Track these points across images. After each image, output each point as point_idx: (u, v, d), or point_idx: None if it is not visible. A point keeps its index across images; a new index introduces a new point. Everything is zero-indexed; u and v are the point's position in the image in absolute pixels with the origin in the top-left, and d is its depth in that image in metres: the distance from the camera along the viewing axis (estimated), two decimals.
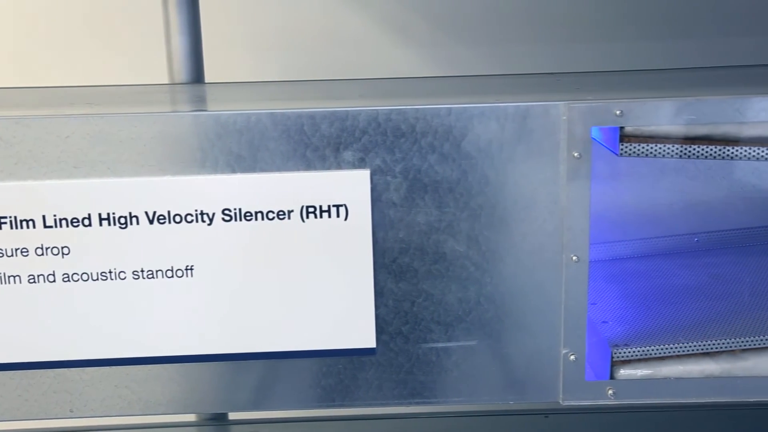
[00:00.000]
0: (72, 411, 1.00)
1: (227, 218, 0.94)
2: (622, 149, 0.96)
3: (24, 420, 0.99)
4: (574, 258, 0.96)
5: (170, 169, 0.93)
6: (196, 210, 0.93)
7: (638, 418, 1.48)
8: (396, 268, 0.97)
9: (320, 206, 0.94)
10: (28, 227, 0.92)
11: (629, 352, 1.03)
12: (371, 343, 0.99)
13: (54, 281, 0.94)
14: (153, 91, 1.24)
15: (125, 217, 0.93)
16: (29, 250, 0.93)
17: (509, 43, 1.38)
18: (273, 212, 0.94)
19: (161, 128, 0.92)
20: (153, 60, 1.41)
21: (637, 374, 1.02)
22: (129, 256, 0.94)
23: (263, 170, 0.93)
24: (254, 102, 1.10)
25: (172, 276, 0.95)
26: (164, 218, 0.93)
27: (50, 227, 0.93)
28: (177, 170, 0.93)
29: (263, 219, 0.94)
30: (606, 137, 1.00)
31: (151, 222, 0.93)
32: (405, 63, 1.38)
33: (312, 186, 0.94)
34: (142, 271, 0.95)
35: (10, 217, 0.92)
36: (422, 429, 1.47)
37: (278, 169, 0.93)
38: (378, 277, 0.97)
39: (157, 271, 0.95)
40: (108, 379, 0.99)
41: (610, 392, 1.01)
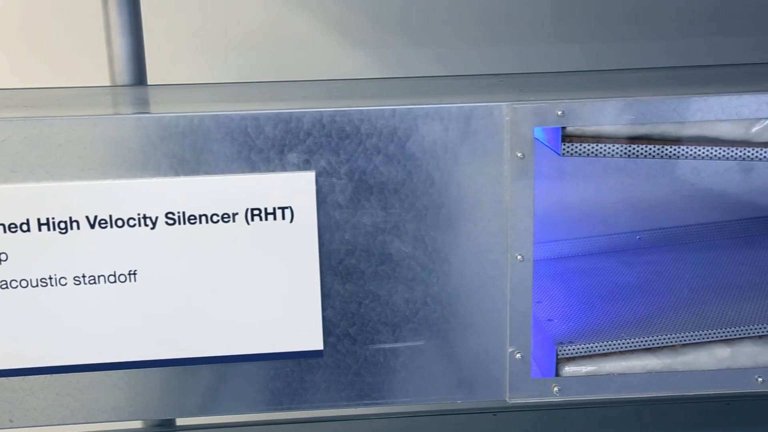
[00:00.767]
0: (12, 421, 0.98)
1: (171, 222, 0.93)
2: (564, 149, 0.98)
3: None
4: (519, 257, 0.97)
5: (111, 173, 0.91)
6: (139, 214, 0.92)
7: (583, 414, 1.50)
8: (342, 270, 0.97)
9: (265, 209, 0.94)
10: None
11: (573, 350, 1.04)
12: (318, 346, 0.98)
13: None
14: (94, 94, 1.22)
15: (65, 222, 0.91)
16: None
17: (453, 45, 1.39)
18: (217, 215, 0.93)
19: (102, 131, 0.90)
20: (94, 62, 1.39)
21: (582, 371, 1.04)
22: (70, 262, 0.92)
23: (207, 173, 0.92)
24: (197, 104, 1.09)
25: (115, 281, 0.94)
26: (106, 223, 0.92)
27: None
28: (118, 174, 0.91)
29: (207, 222, 0.93)
30: (549, 137, 1.01)
31: (93, 227, 0.92)
32: (349, 64, 1.38)
33: (256, 188, 0.93)
34: (84, 277, 0.93)
35: None
36: (371, 430, 1.47)
37: (222, 172, 0.93)
38: (324, 279, 0.97)
39: (99, 277, 0.93)
40: (49, 388, 0.97)
41: (556, 389, 1.02)
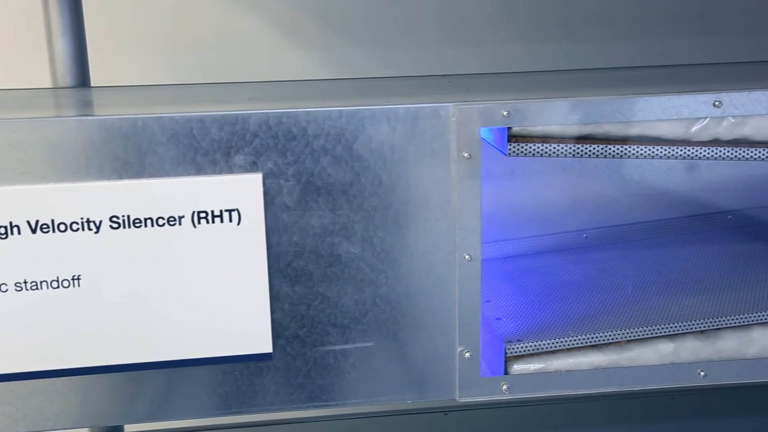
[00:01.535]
0: None
1: (115, 226, 0.91)
2: (510, 149, 0.99)
3: None
4: (467, 257, 0.98)
5: (53, 177, 0.89)
6: (82, 218, 0.90)
7: (533, 411, 1.52)
8: (291, 272, 0.97)
9: (212, 211, 0.93)
10: None
11: (522, 348, 1.05)
12: (267, 348, 0.98)
13: None
14: (35, 96, 1.19)
15: (5, 227, 0.89)
16: None
17: (400, 46, 1.40)
18: (163, 218, 0.92)
19: (42, 134, 0.89)
20: (35, 63, 1.36)
21: (530, 369, 1.05)
22: (11, 268, 0.90)
23: (152, 176, 0.91)
24: (142, 106, 1.07)
25: (58, 287, 0.92)
26: (48, 227, 0.90)
27: None
28: (60, 177, 0.90)
29: (153, 226, 0.92)
30: (496, 137, 1.02)
31: (34, 231, 0.90)
32: (296, 65, 1.38)
33: (203, 191, 0.92)
34: (26, 283, 0.91)
35: None
36: None
37: (167, 175, 0.92)
38: (273, 282, 0.96)
39: (42, 282, 0.91)
40: None
41: (505, 387, 1.03)
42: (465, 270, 0.98)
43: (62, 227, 0.90)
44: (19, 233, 0.90)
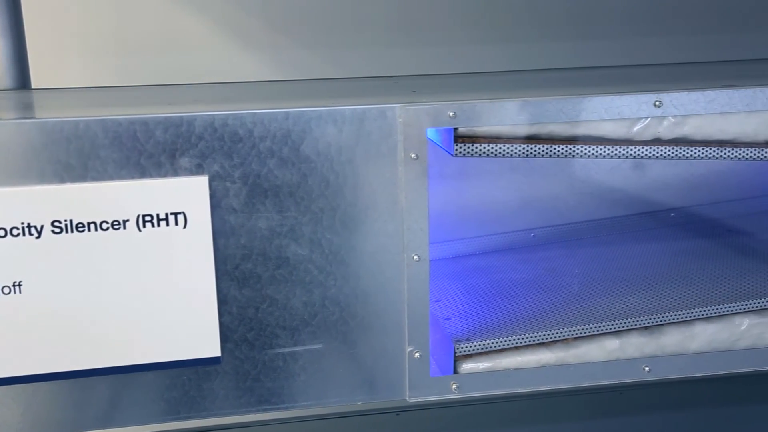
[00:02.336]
0: None
1: (57, 230, 0.89)
2: (457, 150, 0.99)
3: None
4: (415, 257, 0.98)
5: None
6: (23, 223, 0.89)
7: (483, 410, 1.53)
8: (239, 275, 0.96)
9: (157, 215, 0.92)
10: None
11: (471, 347, 1.06)
12: (216, 352, 0.97)
13: None
14: None
15: None
16: None
17: (348, 46, 1.40)
18: (107, 222, 0.91)
19: None
20: None
21: (479, 367, 1.06)
22: None
23: (95, 179, 0.90)
24: (84, 108, 1.05)
25: None
26: None
27: None
28: (0, 181, 0.88)
29: (97, 230, 0.90)
30: (443, 138, 1.03)
31: None
32: (243, 67, 1.37)
33: (148, 194, 0.91)
34: None
35: None
36: None
37: (111, 178, 0.90)
38: (221, 285, 0.95)
39: None
40: None
41: (454, 386, 1.04)
42: (413, 270, 0.99)
43: (2, 232, 0.88)
44: None
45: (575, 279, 1.27)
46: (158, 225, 0.92)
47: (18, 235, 0.89)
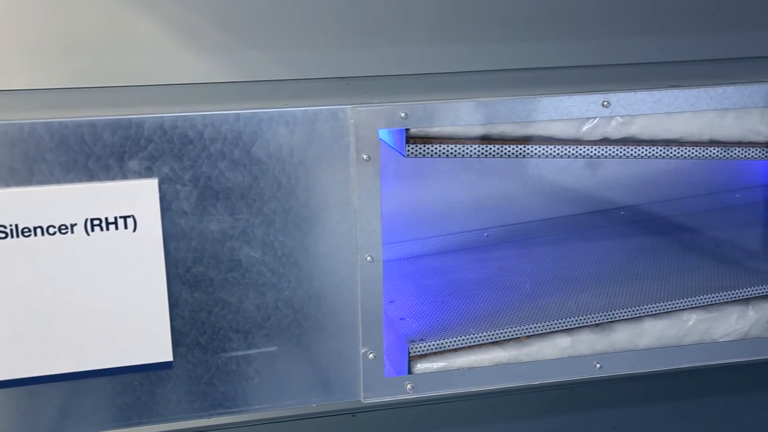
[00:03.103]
0: None
1: (2, 235, 0.88)
2: (409, 150, 1.00)
3: None
4: (369, 258, 0.98)
5: None
6: None
7: (439, 409, 1.53)
8: (190, 278, 0.95)
9: (106, 218, 0.90)
10: None
11: (425, 347, 1.06)
12: (168, 357, 0.96)
13: None
14: None
15: None
16: None
17: (299, 47, 1.39)
18: (54, 227, 0.89)
19: None
20: None
21: (433, 367, 1.06)
22: None
23: (41, 183, 0.88)
24: (28, 111, 1.04)
25: None
26: None
27: None
28: None
29: (44, 234, 0.89)
30: (396, 139, 1.03)
31: None
32: (193, 68, 1.35)
33: (96, 197, 0.90)
34: None
35: None
36: None
37: (57, 182, 0.89)
38: (172, 289, 0.94)
39: None
40: None
41: (409, 387, 1.04)
42: (367, 271, 0.99)
43: None
44: None
45: (528, 278, 1.28)
46: (107, 229, 0.90)
47: None
